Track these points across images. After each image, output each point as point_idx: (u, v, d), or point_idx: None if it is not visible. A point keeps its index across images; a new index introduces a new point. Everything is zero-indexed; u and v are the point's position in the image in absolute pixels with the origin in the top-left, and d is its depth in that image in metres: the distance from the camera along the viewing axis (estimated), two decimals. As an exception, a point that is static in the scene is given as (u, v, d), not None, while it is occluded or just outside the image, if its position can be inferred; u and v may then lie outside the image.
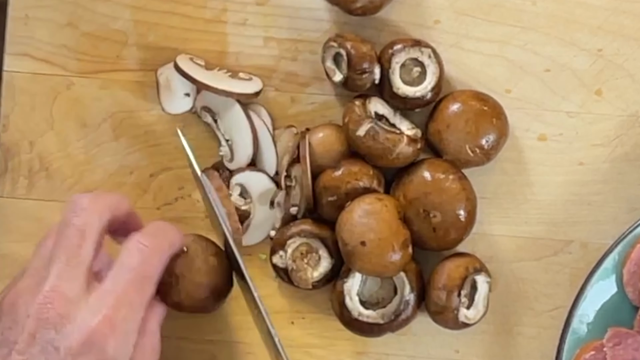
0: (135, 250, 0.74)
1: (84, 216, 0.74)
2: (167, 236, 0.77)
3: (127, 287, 0.73)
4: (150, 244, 0.75)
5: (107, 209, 0.75)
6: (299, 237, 0.80)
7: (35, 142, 0.85)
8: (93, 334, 0.70)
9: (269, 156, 0.83)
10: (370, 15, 0.81)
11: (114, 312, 0.71)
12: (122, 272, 0.73)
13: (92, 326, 0.70)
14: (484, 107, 0.79)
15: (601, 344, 0.77)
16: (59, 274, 0.72)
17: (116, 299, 0.72)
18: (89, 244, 0.73)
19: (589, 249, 0.82)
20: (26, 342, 0.70)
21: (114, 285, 0.72)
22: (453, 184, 0.79)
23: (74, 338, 0.70)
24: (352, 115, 0.80)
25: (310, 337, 0.84)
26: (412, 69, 0.80)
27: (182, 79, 0.81)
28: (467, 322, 0.79)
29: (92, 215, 0.74)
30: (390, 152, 0.79)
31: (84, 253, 0.73)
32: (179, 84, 0.82)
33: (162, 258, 0.75)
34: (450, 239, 0.79)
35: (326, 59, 0.81)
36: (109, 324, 0.71)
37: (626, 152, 0.82)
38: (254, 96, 0.82)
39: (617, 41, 0.82)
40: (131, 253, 0.74)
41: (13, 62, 0.85)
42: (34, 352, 0.70)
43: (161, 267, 0.75)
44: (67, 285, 0.71)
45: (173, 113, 0.84)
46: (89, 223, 0.74)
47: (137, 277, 0.73)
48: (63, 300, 0.71)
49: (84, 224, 0.74)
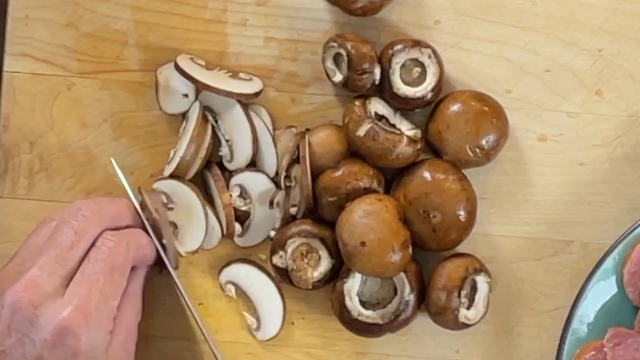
0: (102, 246, 0.75)
1: (85, 223, 0.75)
2: (134, 233, 0.78)
3: (97, 277, 0.74)
4: (117, 238, 0.76)
5: (108, 222, 0.77)
6: (299, 237, 0.80)
7: (35, 142, 0.85)
8: (66, 324, 0.71)
9: (269, 156, 0.83)
10: (370, 15, 0.81)
11: (85, 302, 0.72)
12: (91, 265, 0.74)
13: (64, 316, 0.71)
14: (484, 107, 0.79)
15: (601, 344, 0.77)
16: (42, 267, 0.73)
17: (87, 289, 0.73)
18: (80, 249, 0.75)
19: (589, 249, 0.82)
20: (4, 333, 0.71)
21: (84, 276, 0.73)
22: (453, 184, 0.79)
23: (48, 330, 0.71)
24: (352, 116, 0.80)
25: (310, 337, 0.84)
26: (413, 70, 0.80)
27: (182, 79, 0.81)
28: (467, 322, 0.79)
29: (92, 224, 0.76)
30: (390, 153, 0.79)
31: (73, 255, 0.74)
32: (178, 84, 0.82)
33: (128, 251, 0.76)
34: (451, 239, 0.79)
35: (326, 59, 0.81)
36: (81, 313, 0.72)
37: (626, 153, 0.82)
38: (254, 96, 0.82)
39: (618, 41, 0.82)
40: (106, 241, 0.75)
41: (13, 62, 0.85)
42: (11, 343, 0.71)
43: (130, 259, 0.76)
44: (47, 279, 0.72)
45: (170, 113, 0.84)
46: (87, 230, 0.75)
47: (106, 267, 0.74)
48: (38, 291, 0.72)
49: (82, 229, 0.75)
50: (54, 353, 0.71)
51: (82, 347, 0.71)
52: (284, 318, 0.83)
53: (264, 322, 0.83)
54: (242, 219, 0.82)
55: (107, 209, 0.77)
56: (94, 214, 0.76)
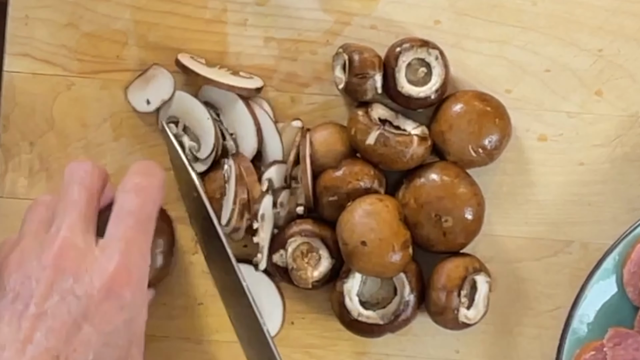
0: (133, 193, 0.75)
1: (89, 178, 0.75)
2: (158, 174, 0.77)
3: (133, 231, 0.73)
4: (147, 183, 0.75)
5: (102, 177, 0.76)
6: (299, 237, 0.80)
7: (35, 142, 0.85)
8: (111, 280, 0.71)
9: (274, 146, 0.82)
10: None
11: (127, 258, 0.72)
12: (126, 217, 0.74)
13: (109, 272, 0.71)
14: (486, 107, 0.79)
15: (601, 344, 0.77)
16: (71, 227, 0.72)
17: (126, 244, 0.72)
18: (94, 203, 0.74)
19: (589, 249, 0.82)
20: (43, 295, 0.70)
21: (120, 231, 0.73)
22: (465, 189, 0.79)
23: (94, 285, 0.70)
24: (358, 125, 0.79)
25: (310, 337, 0.84)
26: (418, 69, 0.80)
27: (159, 86, 0.82)
28: (467, 322, 0.79)
29: (95, 178, 0.75)
30: (403, 155, 0.79)
31: (92, 209, 0.74)
32: (153, 87, 0.83)
33: (158, 196, 0.76)
34: (459, 242, 0.79)
35: (335, 67, 0.81)
36: (124, 269, 0.71)
37: (626, 153, 0.82)
38: (255, 92, 0.82)
39: (618, 41, 0.82)
40: (130, 196, 0.75)
41: (13, 62, 0.85)
42: (53, 303, 0.70)
43: (159, 205, 0.76)
44: (80, 238, 0.72)
45: (132, 104, 0.84)
46: (94, 184, 0.75)
47: (140, 219, 0.74)
48: (77, 250, 0.71)
49: (90, 183, 0.75)
50: (100, 308, 0.70)
51: (127, 301, 0.71)
52: (284, 318, 0.83)
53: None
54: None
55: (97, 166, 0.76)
56: (94, 167, 0.75)
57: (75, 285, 0.70)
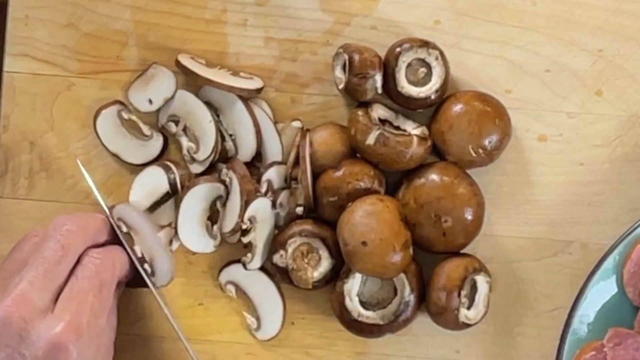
0: (89, 263, 0.75)
1: (70, 237, 0.75)
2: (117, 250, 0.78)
3: (87, 294, 0.73)
4: (103, 255, 0.76)
5: (91, 236, 0.77)
6: (299, 237, 0.80)
7: (35, 143, 0.85)
8: (59, 340, 0.70)
9: (273, 147, 0.82)
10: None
11: (77, 318, 0.72)
12: (80, 282, 0.74)
13: (57, 332, 0.71)
14: (486, 107, 0.79)
15: (601, 345, 0.77)
16: (32, 282, 0.72)
17: (77, 306, 0.73)
18: (67, 263, 0.74)
19: (589, 249, 0.82)
20: None
21: (73, 293, 0.73)
22: (465, 189, 0.79)
23: (40, 346, 0.70)
24: (358, 125, 0.79)
25: (310, 338, 0.84)
26: (419, 70, 0.80)
27: (160, 85, 0.82)
28: (468, 322, 0.79)
29: (77, 239, 0.75)
30: (404, 155, 0.79)
31: (60, 270, 0.74)
32: (154, 86, 0.83)
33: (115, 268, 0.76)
34: (459, 243, 0.79)
35: (335, 68, 0.81)
36: (73, 329, 0.71)
37: (626, 153, 0.82)
38: (255, 92, 0.82)
39: (618, 41, 0.82)
40: (86, 266, 0.75)
41: (13, 62, 0.85)
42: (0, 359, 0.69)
43: (116, 276, 0.76)
44: (37, 295, 0.72)
45: (134, 105, 0.83)
46: (73, 244, 0.75)
47: (95, 284, 0.74)
48: (30, 307, 0.71)
49: (68, 243, 0.75)
50: None
51: (74, 357, 0.71)
52: (284, 318, 0.83)
53: (264, 322, 0.83)
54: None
55: (89, 223, 0.77)
56: (79, 228, 0.76)
57: (21, 343, 0.70)
